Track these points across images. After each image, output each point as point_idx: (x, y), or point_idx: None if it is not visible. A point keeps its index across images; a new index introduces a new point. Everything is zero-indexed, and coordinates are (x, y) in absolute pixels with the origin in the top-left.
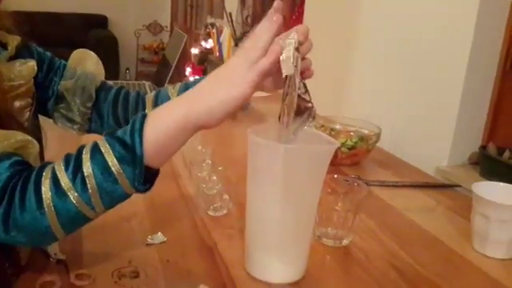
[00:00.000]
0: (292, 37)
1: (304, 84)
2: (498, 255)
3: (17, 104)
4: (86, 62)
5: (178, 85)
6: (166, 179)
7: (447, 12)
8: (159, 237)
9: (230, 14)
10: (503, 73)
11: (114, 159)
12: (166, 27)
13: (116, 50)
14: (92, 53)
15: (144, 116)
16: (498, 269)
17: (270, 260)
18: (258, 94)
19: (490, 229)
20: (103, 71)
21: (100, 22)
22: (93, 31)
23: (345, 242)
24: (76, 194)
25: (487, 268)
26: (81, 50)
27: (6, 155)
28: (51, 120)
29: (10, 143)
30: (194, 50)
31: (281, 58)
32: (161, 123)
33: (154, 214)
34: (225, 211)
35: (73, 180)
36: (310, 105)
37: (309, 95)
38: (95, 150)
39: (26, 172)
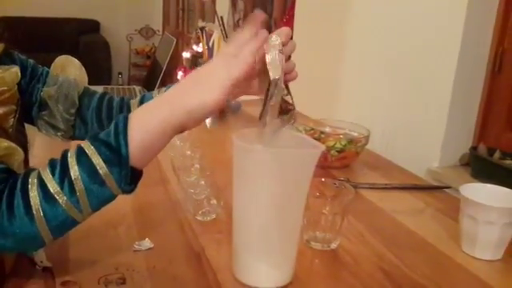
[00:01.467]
0: (275, 39)
1: (287, 86)
2: (486, 257)
3: (0, 111)
4: (68, 69)
5: (164, 89)
6: (154, 184)
7: (436, 14)
8: (146, 243)
9: (222, 17)
10: (492, 74)
11: (101, 161)
12: (158, 31)
13: (108, 54)
14: (75, 59)
15: (126, 118)
16: (486, 270)
17: (258, 265)
18: (248, 97)
19: (477, 230)
20: (86, 77)
21: (92, 26)
22: (85, 36)
23: (333, 245)
24: (65, 198)
25: (475, 269)
26: (63, 56)
27: None
28: None
29: None
30: (186, 54)
31: (267, 61)
32: (144, 125)
33: (142, 220)
34: (213, 216)
35: (60, 184)
36: (291, 107)
37: (291, 97)
38: (81, 153)
39: (11, 179)
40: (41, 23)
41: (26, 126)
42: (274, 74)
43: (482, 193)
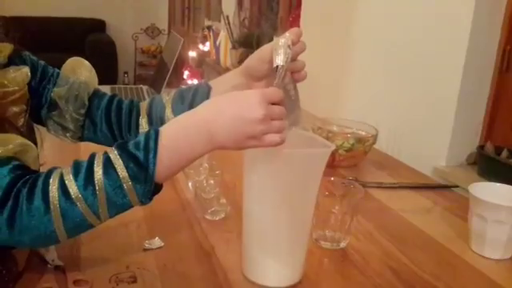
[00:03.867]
0: (285, 36)
1: (295, 86)
2: (496, 256)
3: (12, 110)
4: (79, 70)
5: (173, 92)
6: (164, 184)
7: (443, 14)
8: (157, 242)
9: (228, 16)
10: (500, 73)
11: (127, 176)
12: (164, 30)
13: (114, 53)
14: (85, 61)
15: (157, 134)
16: (495, 269)
17: (267, 264)
18: None
19: (487, 229)
20: (96, 79)
21: (98, 26)
22: (91, 35)
23: (342, 244)
24: (85, 204)
25: (484, 268)
26: (75, 58)
27: (5, 160)
28: None
29: (9, 148)
30: (192, 53)
31: (276, 51)
32: (175, 149)
33: (152, 220)
34: (222, 215)
35: (83, 190)
36: (298, 110)
37: (298, 98)
38: (108, 164)
39: (28, 176)
40: (47, 23)
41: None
42: (279, 61)
43: (491, 192)
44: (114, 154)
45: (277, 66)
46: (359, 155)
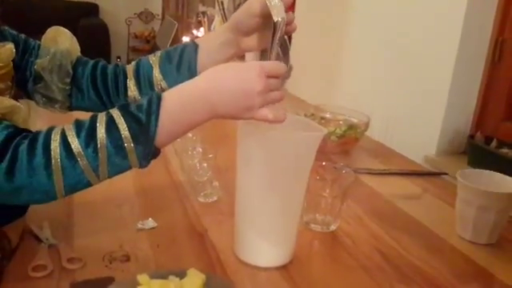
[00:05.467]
0: None
1: (286, 43)
2: (481, 241)
3: None
4: (59, 39)
5: (159, 53)
6: (157, 166)
7: (437, 3)
8: (150, 222)
9: (222, 2)
10: (491, 63)
11: (129, 136)
12: (158, 15)
13: (107, 38)
14: (65, 29)
15: (159, 99)
16: (480, 254)
17: (259, 244)
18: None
19: (473, 215)
20: (78, 47)
21: (91, 9)
22: (84, 19)
23: (332, 227)
24: (86, 161)
25: (470, 253)
26: (54, 27)
27: None
28: None
29: None
30: (186, 38)
31: (271, 3)
32: (176, 116)
33: (145, 201)
34: (215, 198)
35: (85, 147)
36: (289, 64)
37: (288, 55)
38: (111, 123)
39: (25, 133)
40: (40, 6)
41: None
42: (278, 15)
43: (478, 178)
44: (116, 114)
45: (277, 21)
46: (351, 142)
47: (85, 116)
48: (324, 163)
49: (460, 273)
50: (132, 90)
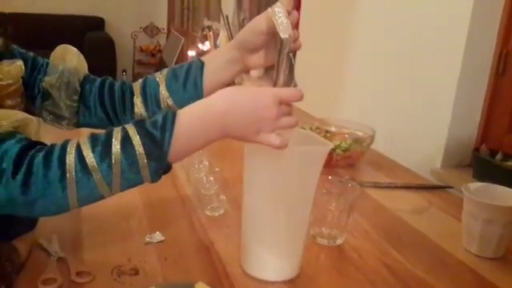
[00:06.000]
0: (278, 5)
1: (291, 61)
2: (487, 254)
3: (8, 103)
4: (68, 58)
5: (165, 71)
6: (164, 180)
7: (441, 15)
8: (157, 236)
9: (227, 16)
10: (496, 76)
11: (143, 153)
12: (163, 29)
13: (113, 51)
14: (73, 48)
15: (174, 116)
16: (486, 267)
17: (266, 258)
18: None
19: (479, 228)
20: (86, 65)
21: (97, 24)
22: (90, 33)
23: (338, 241)
24: (100, 175)
25: (476, 267)
26: (62, 46)
27: (8, 134)
28: None
29: (11, 121)
30: (191, 52)
31: (278, 21)
32: (190, 134)
33: (153, 214)
34: (222, 211)
35: (100, 162)
36: (293, 81)
37: (293, 73)
38: (126, 138)
39: (39, 146)
40: (46, 20)
41: None
42: (285, 33)
43: (484, 192)
44: (132, 130)
45: (284, 38)
46: (356, 155)
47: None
48: (330, 177)
49: (466, 287)
50: (139, 107)
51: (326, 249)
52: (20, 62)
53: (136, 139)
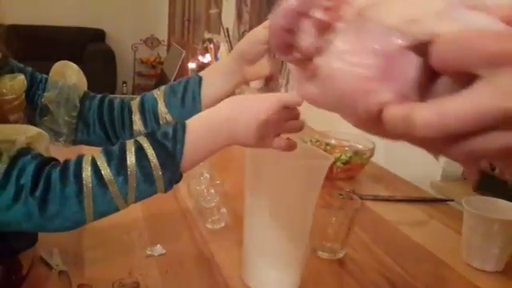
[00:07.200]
0: None
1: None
2: (488, 268)
3: (11, 118)
4: (67, 74)
5: (163, 88)
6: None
7: None
8: (158, 249)
9: (227, 29)
10: None
11: (158, 164)
12: (163, 41)
13: (113, 63)
14: (73, 64)
15: (184, 127)
16: (487, 281)
17: (266, 271)
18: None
19: (479, 242)
20: (85, 81)
21: (98, 35)
22: (90, 45)
23: (339, 254)
24: (116, 188)
25: (477, 280)
26: (61, 62)
27: (23, 150)
28: None
29: (25, 137)
30: (192, 65)
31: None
32: (200, 149)
33: (153, 227)
34: (222, 224)
35: (116, 175)
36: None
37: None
38: (141, 152)
39: (54, 162)
40: (47, 32)
41: None
42: None
43: (484, 205)
44: (146, 143)
45: None
46: (356, 168)
47: (90, 151)
48: (330, 190)
49: None
50: (137, 124)
51: (327, 262)
52: (22, 77)
53: (150, 151)
